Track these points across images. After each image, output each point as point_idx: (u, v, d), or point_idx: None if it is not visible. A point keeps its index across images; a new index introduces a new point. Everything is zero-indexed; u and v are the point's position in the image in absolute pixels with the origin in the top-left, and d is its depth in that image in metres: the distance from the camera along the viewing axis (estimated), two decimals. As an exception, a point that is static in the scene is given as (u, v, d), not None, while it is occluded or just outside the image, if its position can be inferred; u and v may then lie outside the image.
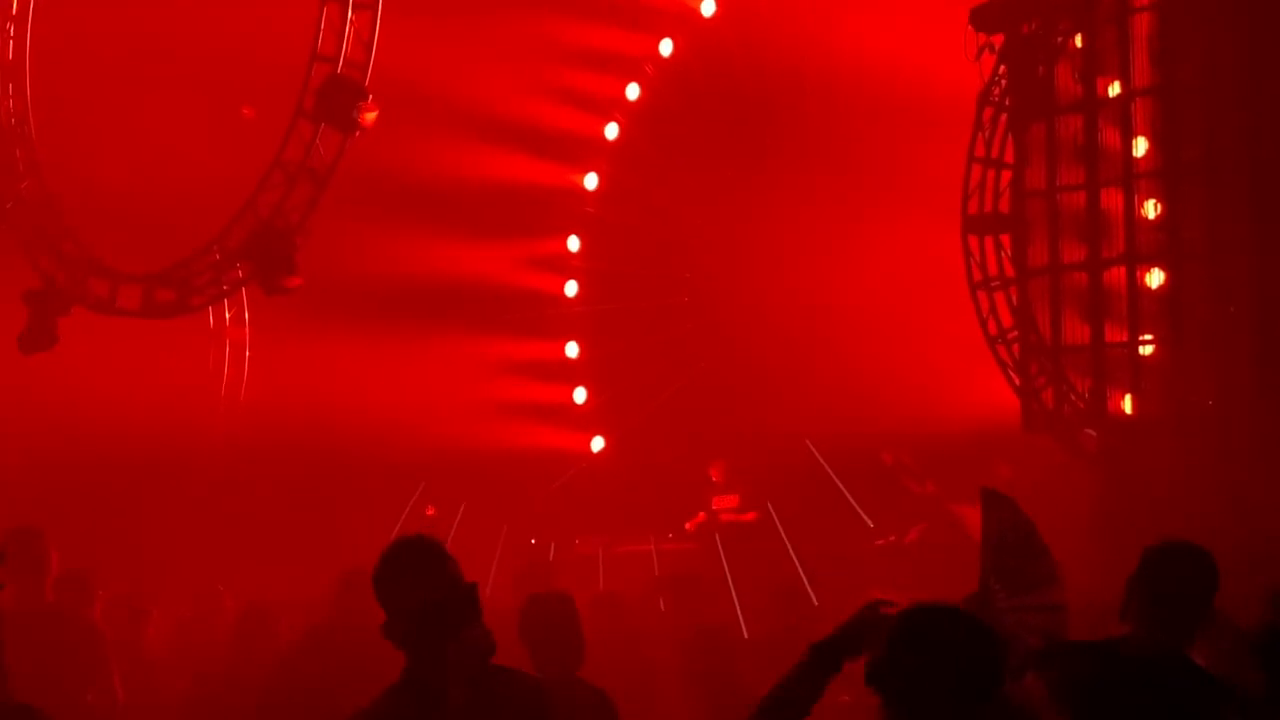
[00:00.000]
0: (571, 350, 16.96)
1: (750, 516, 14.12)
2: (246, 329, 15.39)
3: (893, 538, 12.95)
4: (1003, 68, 11.27)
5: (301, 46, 11.14)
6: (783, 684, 3.64)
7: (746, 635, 11.11)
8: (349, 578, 6.76)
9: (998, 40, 11.21)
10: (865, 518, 13.50)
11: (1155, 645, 4.67)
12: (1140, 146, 10.54)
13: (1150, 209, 10.50)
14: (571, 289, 16.97)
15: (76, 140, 12.81)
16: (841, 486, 13.87)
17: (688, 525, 14.30)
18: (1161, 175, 10.43)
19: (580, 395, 16.88)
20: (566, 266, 16.96)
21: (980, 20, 11.11)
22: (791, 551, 12.98)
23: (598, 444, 16.65)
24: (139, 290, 12.12)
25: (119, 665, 7.32)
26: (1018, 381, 11.27)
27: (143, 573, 9.94)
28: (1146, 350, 10.57)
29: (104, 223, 12.69)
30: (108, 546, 11.14)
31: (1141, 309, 10.52)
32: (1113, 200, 10.64)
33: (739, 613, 11.87)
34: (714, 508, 14.33)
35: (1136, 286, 10.52)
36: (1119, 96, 10.65)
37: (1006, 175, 11.41)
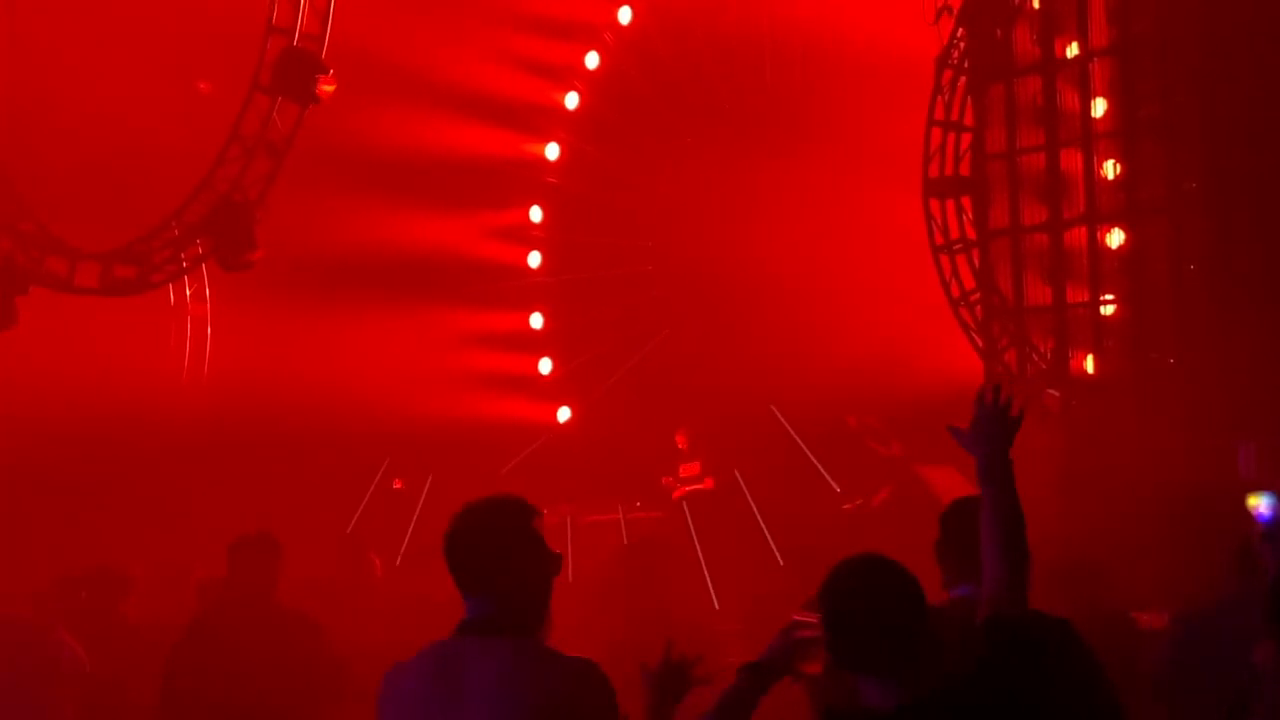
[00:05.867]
0: (536, 321, 16.94)
1: (708, 484, 14.15)
2: (208, 305, 15.30)
3: (860, 501, 13.00)
4: (961, 30, 11.28)
5: (256, 19, 11.04)
6: (720, 705, 3.82)
7: (717, 605, 11.18)
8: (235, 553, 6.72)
9: (955, 3, 11.22)
10: (832, 482, 13.55)
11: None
12: (1099, 107, 10.58)
13: (1110, 169, 10.54)
14: (535, 260, 16.94)
15: (30, 117, 12.66)
16: (808, 451, 13.91)
17: (674, 495, 14.31)
18: (1121, 135, 10.47)
19: (545, 366, 16.86)
20: (529, 237, 16.92)
21: (938, -17, 11.12)
22: (759, 518, 13.03)
23: (564, 414, 16.65)
24: (98, 268, 12.02)
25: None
26: (980, 343, 11.32)
27: (107, 550, 9.86)
28: (1108, 310, 10.63)
29: (60, 200, 12.57)
30: (70, 525, 11.09)
31: (1102, 269, 10.57)
32: (1072, 161, 10.68)
33: (708, 580, 11.91)
34: (680, 475, 14.36)
35: (1097, 247, 10.57)
36: (1077, 57, 10.68)
37: (966, 138, 11.43)
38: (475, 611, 3.98)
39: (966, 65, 11.32)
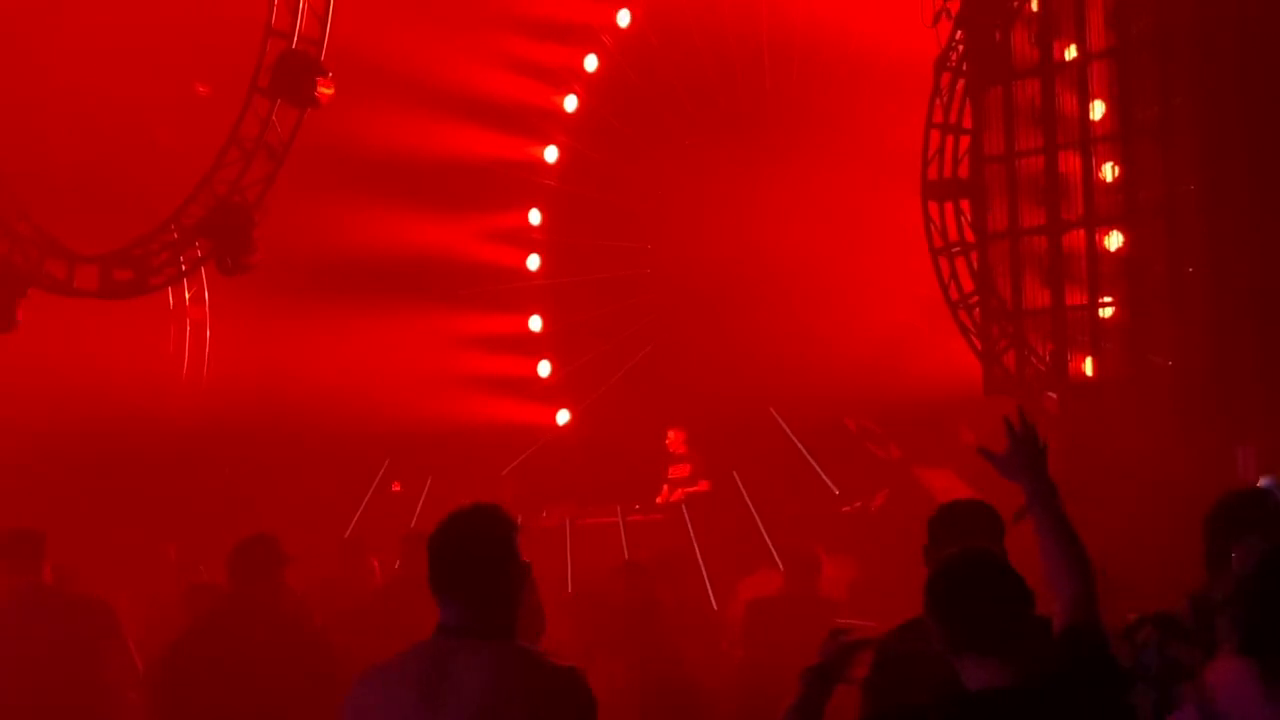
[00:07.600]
0: (535, 324, 16.95)
1: (703, 486, 14.13)
2: (206, 308, 15.30)
3: (859, 504, 13.00)
4: (960, 33, 11.29)
5: (255, 22, 11.05)
6: (792, 711, 3.94)
7: (715, 607, 11.16)
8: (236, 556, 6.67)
9: (954, 5, 11.22)
10: (830, 484, 13.54)
11: None
12: (1097, 110, 10.58)
13: (1108, 172, 10.55)
14: (534, 262, 16.94)
15: (29, 119, 12.66)
16: (806, 454, 13.91)
17: (659, 499, 14.32)
18: (1119, 138, 10.48)
19: (544, 368, 16.87)
20: (528, 240, 16.93)
21: (936, -15, 11.13)
22: (758, 520, 13.01)
23: (563, 417, 16.66)
24: (96, 270, 12.01)
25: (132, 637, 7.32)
26: (979, 346, 11.32)
27: (106, 553, 9.87)
28: (1106, 312, 10.63)
29: (59, 202, 12.56)
30: (71, 528, 11.07)
31: (1101, 271, 10.58)
32: (1071, 164, 10.68)
33: (707, 583, 11.90)
34: (670, 477, 14.34)
35: (1095, 249, 10.58)
36: (1076, 60, 10.68)
37: (965, 140, 11.43)
38: (455, 617, 4.01)
39: (965, 68, 11.33)
